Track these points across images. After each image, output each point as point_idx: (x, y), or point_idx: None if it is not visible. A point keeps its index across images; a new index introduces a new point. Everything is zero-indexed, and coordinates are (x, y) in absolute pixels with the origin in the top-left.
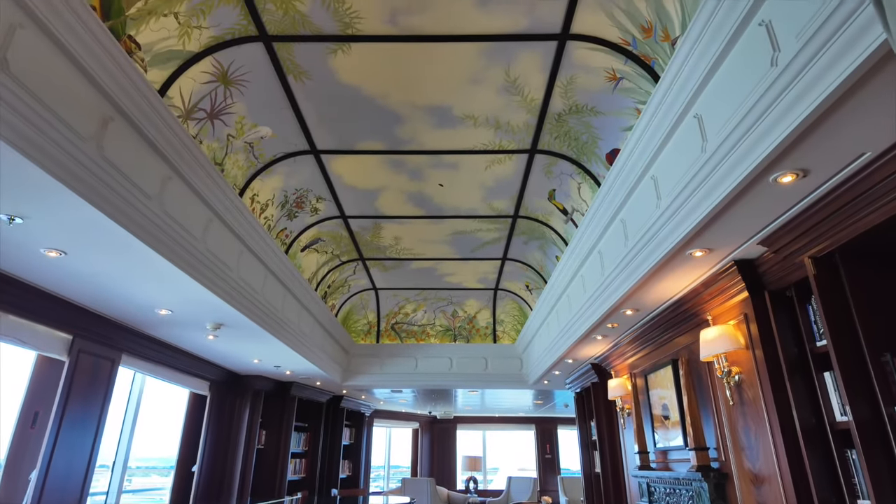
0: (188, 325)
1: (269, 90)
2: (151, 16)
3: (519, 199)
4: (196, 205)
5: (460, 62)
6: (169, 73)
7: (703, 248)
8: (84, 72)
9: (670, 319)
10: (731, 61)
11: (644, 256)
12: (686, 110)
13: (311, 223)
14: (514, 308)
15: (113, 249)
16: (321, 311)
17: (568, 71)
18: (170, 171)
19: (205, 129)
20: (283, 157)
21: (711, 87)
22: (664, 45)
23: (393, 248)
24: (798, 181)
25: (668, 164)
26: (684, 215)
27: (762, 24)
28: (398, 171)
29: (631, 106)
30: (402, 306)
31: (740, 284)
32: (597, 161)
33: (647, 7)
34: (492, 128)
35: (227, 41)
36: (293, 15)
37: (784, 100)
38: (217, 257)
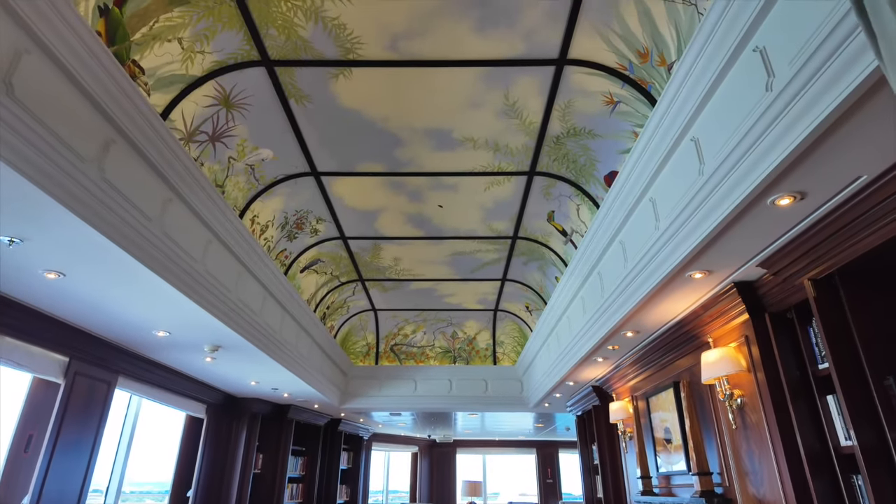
0: (186, 347)
1: (270, 113)
2: (156, 41)
3: (518, 220)
4: (196, 226)
5: (460, 86)
6: (172, 96)
7: (703, 271)
8: (87, 95)
9: (671, 341)
10: (726, 86)
11: (644, 278)
12: (683, 133)
13: (310, 244)
14: (514, 329)
15: (112, 271)
16: (320, 333)
17: (566, 95)
18: (170, 192)
19: (206, 152)
20: (284, 178)
21: (708, 111)
22: (661, 70)
23: (392, 268)
24: (795, 204)
25: (666, 187)
26: (683, 237)
27: (756, 49)
28: (398, 193)
29: (628, 129)
30: (401, 327)
31: (740, 307)
32: (595, 183)
33: (643, 33)
34: (491, 150)
35: (230, 66)
36: (295, 40)
37: (780, 124)
38: (216, 279)
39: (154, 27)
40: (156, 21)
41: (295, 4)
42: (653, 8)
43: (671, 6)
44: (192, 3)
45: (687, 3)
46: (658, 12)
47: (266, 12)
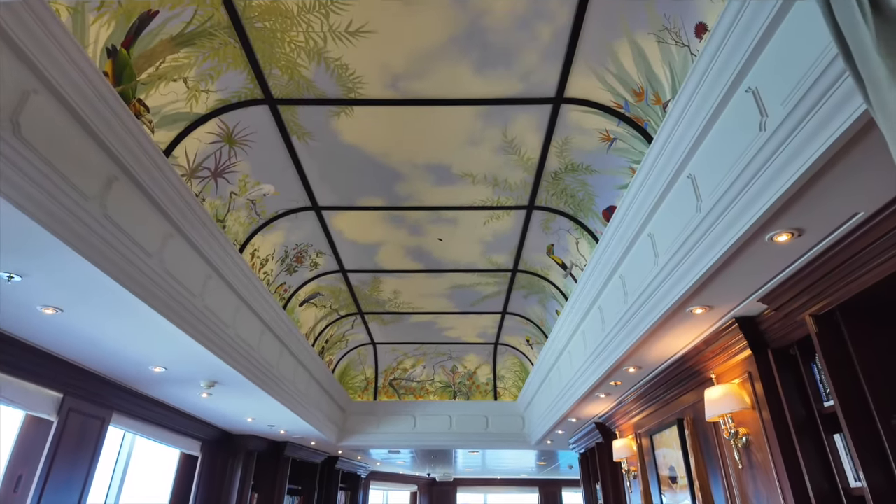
0: (182, 382)
1: (272, 149)
2: (162, 80)
3: (518, 253)
4: (196, 261)
5: (459, 124)
6: (175, 133)
7: (704, 306)
8: (92, 134)
9: (674, 377)
10: (721, 124)
11: (644, 313)
12: (680, 170)
13: (310, 277)
14: (514, 363)
15: (110, 307)
16: (318, 368)
17: (563, 132)
18: (171, 228)
19: (208, 187)
20: (285, 213)
21: (704, 149)
22: (656, 108)
23: (392, 301)
24: (794, 240)
25: (665, 223)
26: (682, 273)
27: (749, 90)
28: (398, 227)
29: (625, 165)
30: (400, 361)
31: (742, 342)
32: (594, 217)
33: (638, 73)
34: (490, 185)
35: (233, 104)
36: (298, 80)
37: (774, 162)
38: (214, 314)
39: (160, 67)
40: (162, 62)
41: (298, 46)
42: (647, 49)
43: (665, 47)
44: (198, 44)
45: (680, 45)
46: (652, 53)
47: (270, 53)
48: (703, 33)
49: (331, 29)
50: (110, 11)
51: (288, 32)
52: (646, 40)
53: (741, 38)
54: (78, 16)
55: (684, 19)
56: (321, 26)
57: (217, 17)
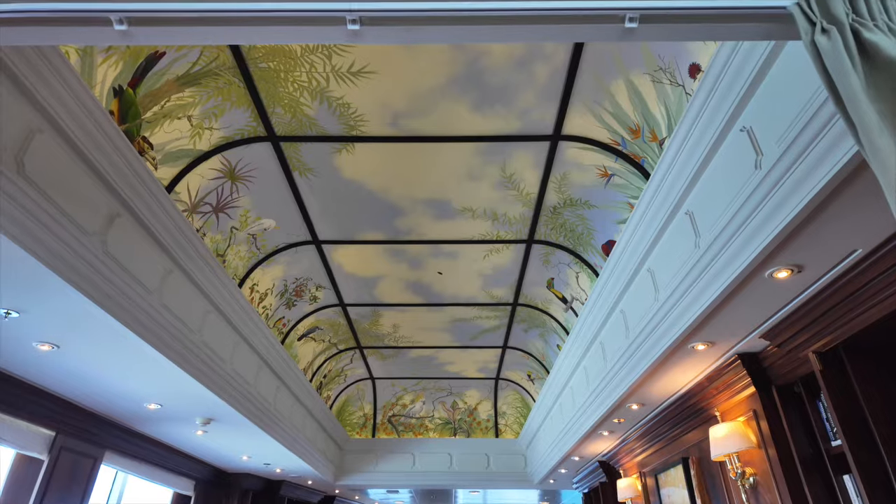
0: (177, 419)
1: (274, 185)
2: (166, 119)
3: (518, 287)
4: (195, 297)
5: (458, 160)
6: (178, 169)
7: (706, 342)
8: (96, 171)
9: (678, 414)
10: (717, 162)
11: (646, 349)
12: (678, 207)
13: (309, 311)
14: (516, 399)
15: (107, 343)
16: (315, 404)
17: (561, 168)
18: (171, 264)
19: (209, 223)
20: (285, 247)
21: (701, 186)
22: (652, 146)
23: (391, 335)
24: (794, 277)
25: (664, 258)
26: (683, 309)
27: (743, 129)
28: (398, 260)
29: (623, 200)
30: (399, 397)
31: (746, 379)
32: (593, 252)
33: (634, 111)
34: (489, 219)
35: (237, 141)
36: (301, 118)
37: (771, 200)
38: (212, 350)
39: (165, 106)
40: (167, 100)
41: (301, 85)
42: (642, 88)
43: (660, 87)
44: (203, 83)
45: (675, 84)
46: (647, 92)
47: (273, 92)
48: (696, 73)
49: (333, 69)
50: (118, 53)
51: (291, 73)
52: (641, 80)
53: (734, 79)
54: (87, 57)
55: (678, 60)
56: (324, 67)
57: (222, 58)
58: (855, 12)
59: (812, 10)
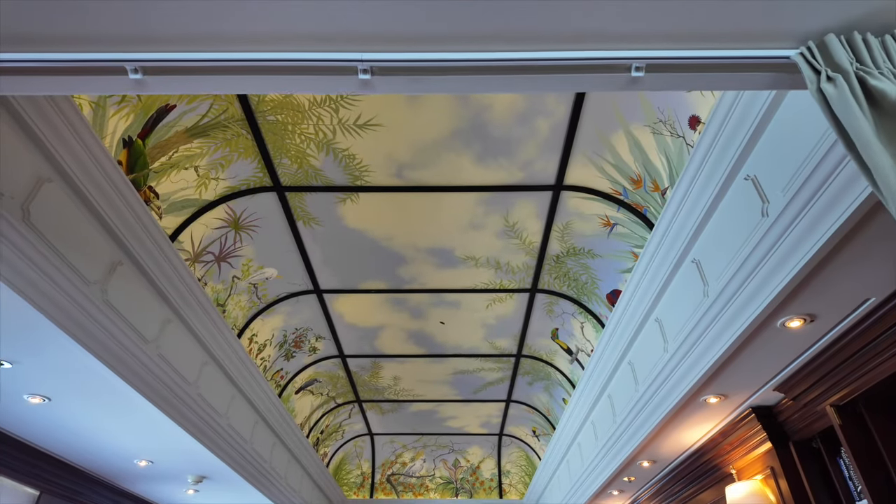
0: (168, 477)
1: (277, 234)
2: (173, 169)
3: (521, 337)
4: (193, 348)
5: (461, 209)
6: (183, 219)
7: (718, 395)
8: (101, 219)
9: (691, 472)
10: (723, 210)
11: (657, 402)
12: (684, 255)
13: (308, 363)
14: (520, 457)
15: (101, 395)
16: (312, 462)
17: (563, 217)
18: (171, 313)
19: (211, 272)
20: (286, 297)
21: (707, 234)
22: (654, 196)
23: (392, 388)
24: (807, 326)
25: (672, 308)
26: (694, 360)
27: (748, 178)
28: (399, 310)
29: (627, 249)
30: (399, 454)
31: (761, 434)
32: (598, 301)
33: (635, 162)
34: (492, 268)
35: (242, 191)
36: (307, 168)
37: (780, 248)
38: (208, 403)
39: (173, 157)
40: (175, 151)
41: (308, 137)
42: (642, 140)
43: (660, 138)
44: (212, 135)
45: (675, 136)
46: (648, 144)
47: (280, 144)
48: (696, 125)
49: (340, 122)
50: (130, 105)
51: (299, 125)
52: (641, 131)
53: (736, 129)
54: (99, 109)
55: (678, 112)
56: (331, 119)
57: (231, 111)
58: (859, 61)
59: (816, 60)
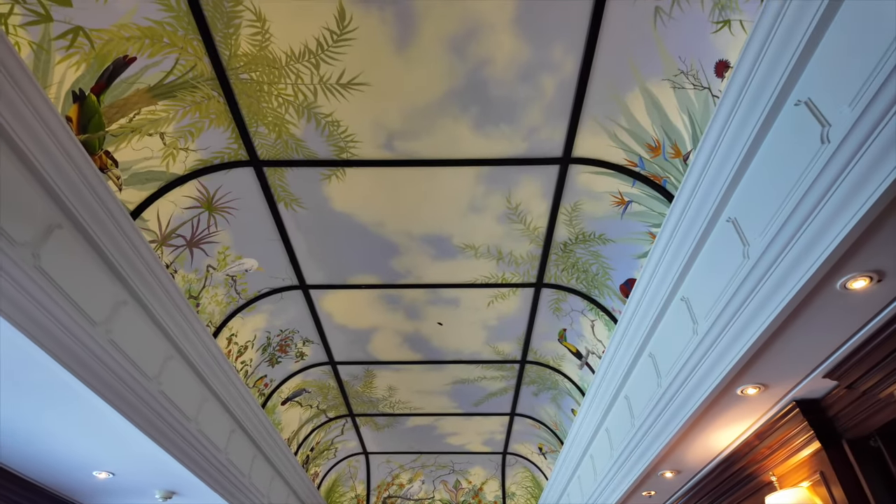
0: (132, 492)
1: (257, 219)
2: (135, 134)
3: (526, 341)
4: (154, 337)
5: (459, 188)
6: (147, 193)
7: (756, 384)
8: (38, 176)
9: (722, 483)
10: (767, 151)
11: (684, 398)
12: (716, 216)
13: (295, 370)
14: (526, 477)
15: (46, 391)
16: (299, 481)
17: (572, 196)
18: (126, 294)
19: (182, 258)
20: (269, 292)
21: (746, 186)
22: (675, 162)
23: (387, 400)
24: (872, 287)
25: (702, 281)
26: (730, 340)
27: (800, 103)
28: (393, 309)
29: (643, 230)
30: (396, 475)
31: (808, 433)
32: (610, 294)
33: (653, 124)
34: (493, 259)
35: (215, 165)
36: (286, 139)
37: (843, 184)
38: (173, 404)
39: (134, 119)
40: (136, 113)
41: (286, 100)
42: (661, 97)
43: (682, 93)
44: (178, 97)
45: (699, 88)
46: (667, 101)
47: (256, 108)
48: (725, 71)
49: (321, 80)
50: (81, 52)
51: (276, 85)
52: (660, 88)
53: (779, 54)
54: (42, 53)
55: (702, 59)
56: (311, 78)
57: (200, 68)
58: None
59: None
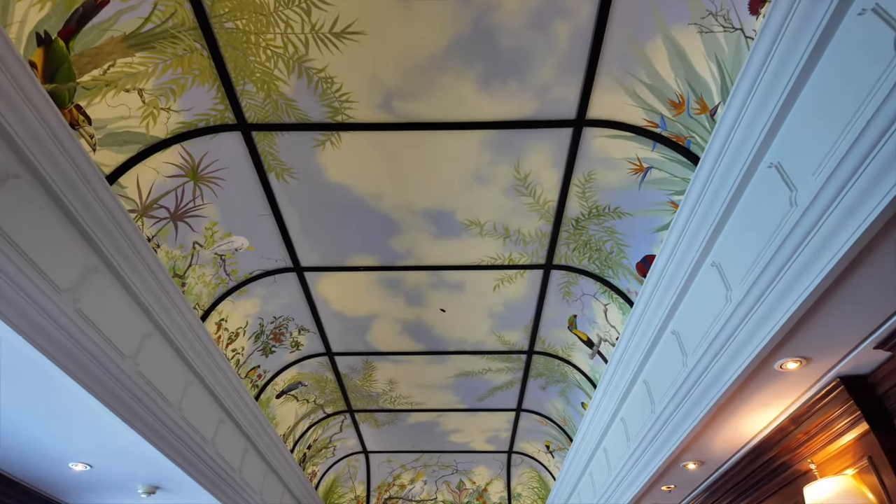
0: (112, 487)
1: (246, 191)
2: (110, 88)
3: (534, 329)
4: (130, 311)
5: (463, 156)
6: (126, 157)
7: (798, 358)
8: None
9: (750, 474)
10: (806, 102)
11: (714, 376)
12: (755, 164)
13: (290, 361)
14: (532, 478)
15: (13, 372)
16: (296, 480)
17: (585, 165)
18: (97, 261)
19: (165, 232)
20: (261, 275)
21: (790, 127)
22: (701, 118)
23: (387, 395)
24: None
25: (736, 244)
26: (771, 305)
27: (864, 11)
28: (393, 293)
29: (663, 200)
30: (397, 475)
31: (853, 413)
32: (625, 274)
33: (676, 77)
34: (500, 237)
35: (200, 129)
36: (276, 98)
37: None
38: (152, 385)
39: (108, 72)
40: (111, 65)
41: (275, 52)
42: (686, 45)
43: (710, 38)
44: (158, 48)
45: (730, 30)
46: (693, 48)
47: (243, 62)
48: (760, 7)
49: (313, 29)
50: None
51: (263, 35)
52: (684, 34)
53: None
54: None
55: None
56: (302, 26)
57: (181, 15)
58: None
59: None
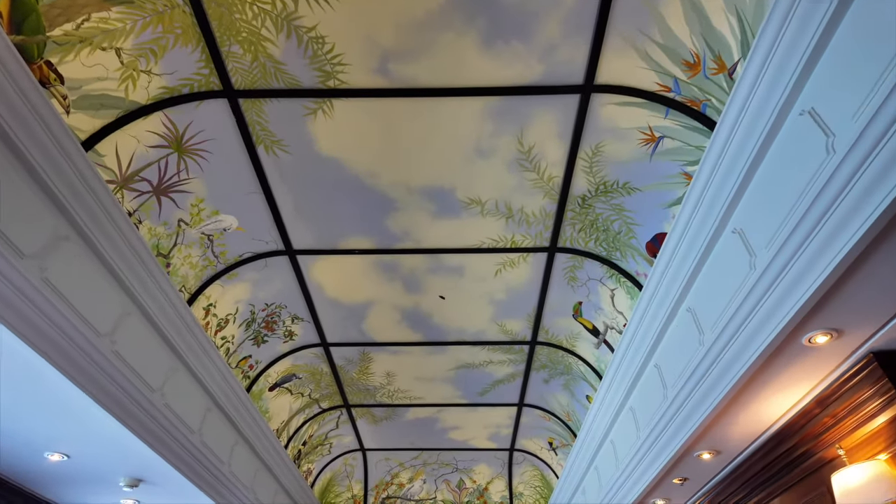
0: (92, 479)
1: (234, 165)
2: (85, 45)
3: (537, 318)
4: (105, 285)
5: (464, 125)
6: (103, 122)
7: (828, 330)
8: None
9: (770, 464)
10: (844, 33)
11: (734, 354)
12: (783, 114)
13: (284, 352)
14: (534, 476)
15: None
16: (290, 477)
17: (594, 136)
18: (68, 228)
19: (147, 207)
20: (252, 258)
21: (822, 72)
22: (718, 79)
23: (384, 389)
24: None
25: (760, 205)
26: (801, 270)
27: None
28: (391, 279)
29: (676, 171)
30: (395, 474)
31: (888, 392)
32: (634, 255)
33: (692, 34)
34: (502, 216)
35: (184, 95)
36: (264, 61)
37: None
38: (131, 367)
39: (82, 27)
40: (86, 19)
41: (263, 9)
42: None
43: None
44: (136, 3)
45: None
46: (711, 2)
47: (228, 21)
48: None
49: None
50: None
51: None
52: None
53: None
54: None
55: None
56: None
57: None
58: None
59: None
